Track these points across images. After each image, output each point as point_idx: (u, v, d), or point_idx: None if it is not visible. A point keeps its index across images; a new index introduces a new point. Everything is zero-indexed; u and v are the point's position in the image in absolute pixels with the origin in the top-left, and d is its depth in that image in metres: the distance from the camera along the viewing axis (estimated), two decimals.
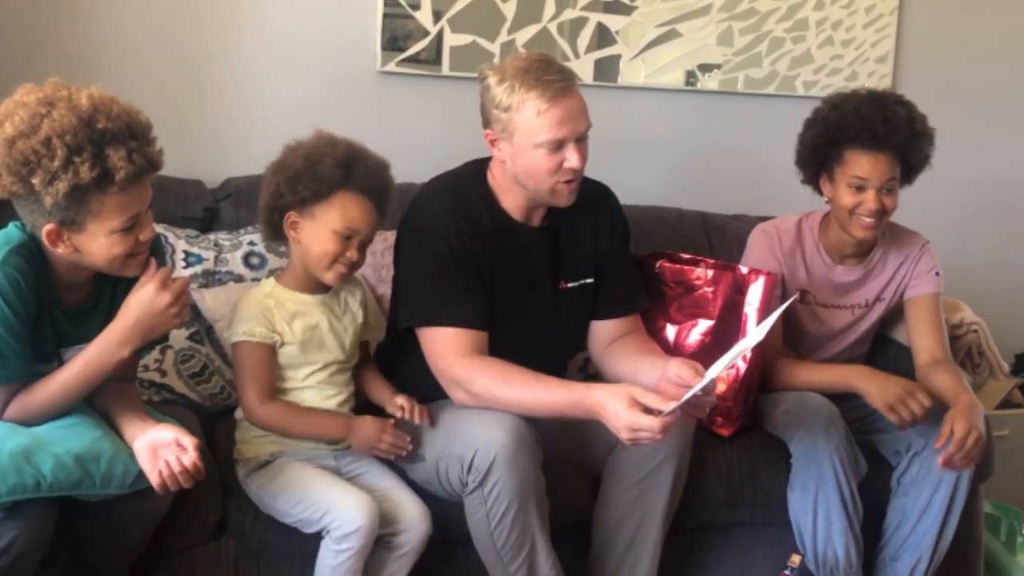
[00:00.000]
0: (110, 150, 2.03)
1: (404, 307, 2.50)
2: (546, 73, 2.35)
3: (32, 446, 2.10)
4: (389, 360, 2.64)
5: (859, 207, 2.75)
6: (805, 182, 2.91)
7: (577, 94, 2.41)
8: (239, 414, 2.53)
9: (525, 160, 2.40)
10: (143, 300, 2.15)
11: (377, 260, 2.89)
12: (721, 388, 2.74)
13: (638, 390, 2.21)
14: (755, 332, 2.25)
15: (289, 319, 2.47)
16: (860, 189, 2.72)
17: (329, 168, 2.38)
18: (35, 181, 2.01)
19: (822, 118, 2.78)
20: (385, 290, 2.77)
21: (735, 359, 2.25)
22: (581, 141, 2.41)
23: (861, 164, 2.70)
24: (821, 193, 2.89)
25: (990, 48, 3.90)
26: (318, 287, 2.51)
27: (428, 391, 2.50)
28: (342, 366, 2.55)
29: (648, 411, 2.15)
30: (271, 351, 2.45)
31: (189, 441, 2.13)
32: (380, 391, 2.59)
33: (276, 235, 2.49)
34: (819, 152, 2.79)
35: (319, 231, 2.41)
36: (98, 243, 2.10)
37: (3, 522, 2.05)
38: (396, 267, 2.58)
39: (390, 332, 2.67)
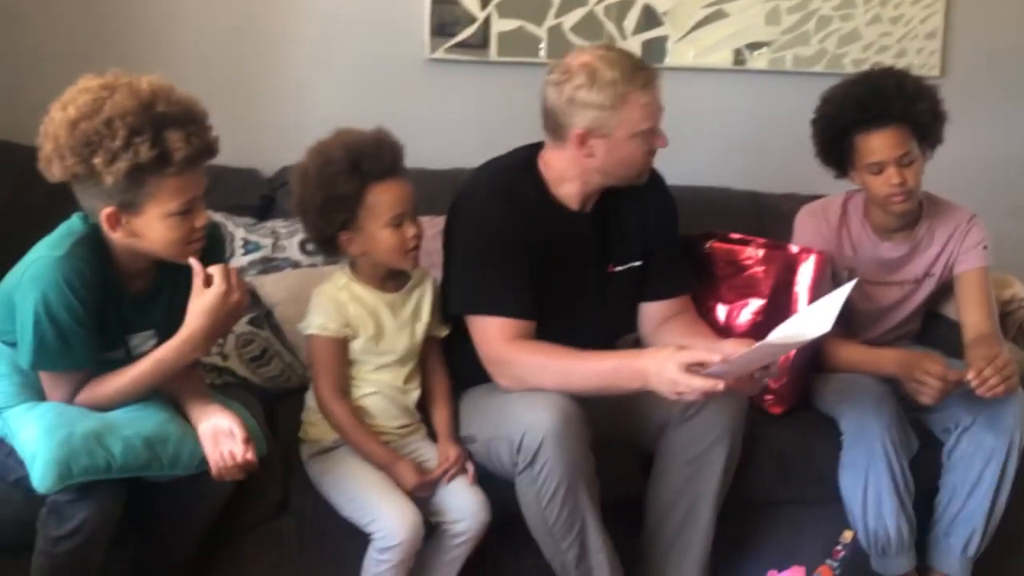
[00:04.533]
0: (168, 132, 2.09)
1: (453, 294, 2.54)
2: (637, 66, 2.41)
3: (103, 429, 2.16)
4: (447, 341, 2.65)
5: (886, 188, 2.77)
6: (839, 177, 2.91)
7: None
8: (310, 400, 2.56)
9: (623, 151, 2.44)
10: (214, 305, 2.19)
11: (428, 245, 2.82)
12: None
13: (685, 352, 2.26)
14: (817, 320, 2.24)
15: (362, 314, 2.49)
16: (880, 171, 2.75)
17: (344, 184, 2.39)
18: (96, 161, 2.07)
19: (821, 115, 2.84)
20: (436, 274, 2.78)
21: (794, 343, 2.26)
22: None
23: (870, 147, 2.74)
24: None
25: None
26: (391, 284, 2.53)
27: (483, 372, 2.52)
28: (409, 362, 2.57)
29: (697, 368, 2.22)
30: (343, 345, 2.48)
31: (240, 433, 2.20)
32: (439, 425, 2.56)
33: (338, 253, 2.51)
34: (833, 147, 2.84)
35: (374, 234, 2.43)
36: (155, 227, 2.16)
37: (74, 503, 2.12)
38: (445, 253, 2.61)
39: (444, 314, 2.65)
